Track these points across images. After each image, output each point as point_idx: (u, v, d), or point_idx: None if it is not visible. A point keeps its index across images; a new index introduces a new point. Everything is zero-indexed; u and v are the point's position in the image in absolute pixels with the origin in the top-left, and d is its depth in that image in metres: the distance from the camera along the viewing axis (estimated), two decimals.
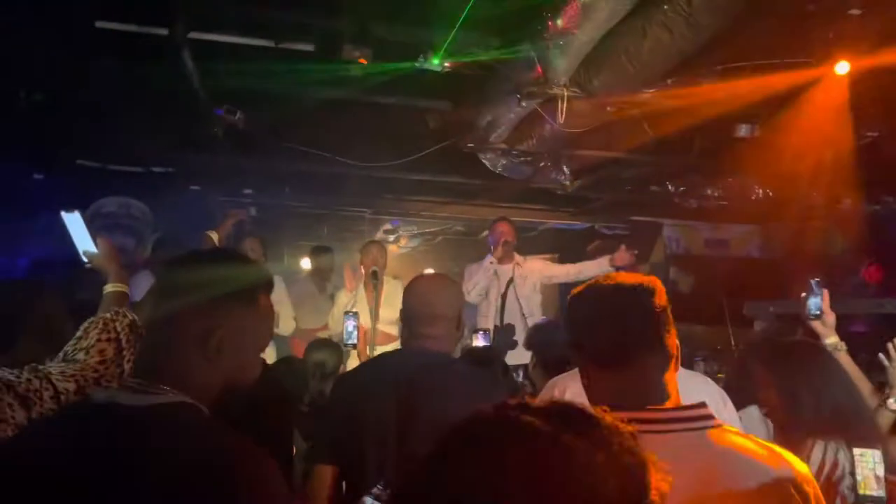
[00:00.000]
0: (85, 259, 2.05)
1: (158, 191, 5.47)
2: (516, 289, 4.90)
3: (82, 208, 5.96)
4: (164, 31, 3.35)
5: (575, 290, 1.34)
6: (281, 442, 2.35)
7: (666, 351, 1.25)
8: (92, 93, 4.32)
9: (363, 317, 4.40)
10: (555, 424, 0.73)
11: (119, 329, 1.66)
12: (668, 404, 1.23)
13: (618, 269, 5.86)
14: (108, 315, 1.68)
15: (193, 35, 3.40)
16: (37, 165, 5.36)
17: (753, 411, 2.27)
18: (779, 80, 3.58)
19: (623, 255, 4.99)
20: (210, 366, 1.19)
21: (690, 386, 1.78)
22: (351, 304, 4.76)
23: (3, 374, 1.51)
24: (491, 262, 4.84)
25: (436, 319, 1.98)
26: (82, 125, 4.70)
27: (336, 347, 3.45)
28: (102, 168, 5.37)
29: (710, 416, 1.20)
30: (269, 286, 1.35)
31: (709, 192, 5.47)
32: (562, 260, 7.12)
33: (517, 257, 4.98)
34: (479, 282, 4.81)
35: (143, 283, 4.77)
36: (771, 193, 5.49)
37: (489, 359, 3.06)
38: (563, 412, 0.76)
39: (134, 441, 1.09)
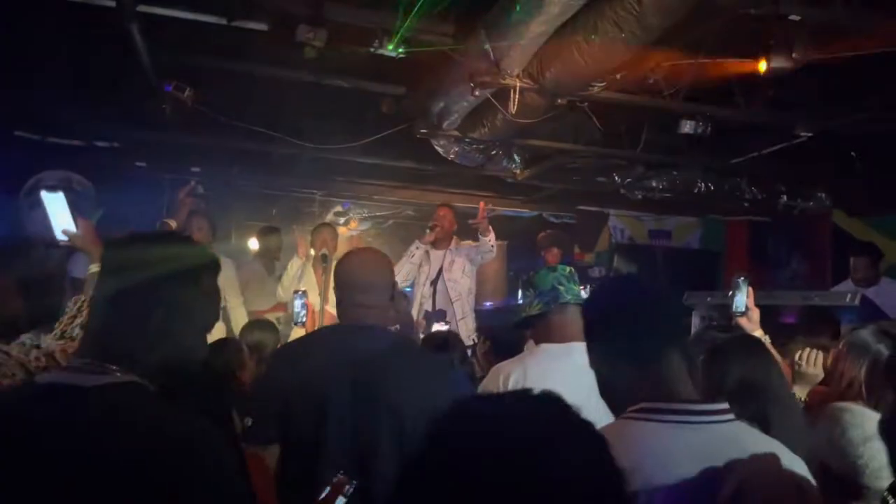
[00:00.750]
0: (64, 238, 2.02)
1: (102, 167, 5.32)
2: (444, 273, 4.95)
3: (19, 182, 5.77)
4: (111, 3, 3.25)
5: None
6: (223, 422, 2.36)
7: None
8: (32, 62, 4.17)
9: (311, 297, 4.41)
10: None
11: None
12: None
13: (568, 255, 6.05)
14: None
15: (142, 8, 3.32)
16: None
17: None
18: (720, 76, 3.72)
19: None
20: (153, 345, 1.20)
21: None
22: (299, 278, 4.74)
23: (14, 352, 1.55)
24: (417, 248, 4.94)
25: (369, 288, 1.97)
26: (21, 95, 4.54)
27: (273, 328, 3.43)
28: (42, 141, 5.19)
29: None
30: (213, 268, 1.36)
31: (654, 184, 5.63)
32: (510, 247, 7.23)
33: (455, 242, 5.02)
34: (403, 267, 4.85)
35: (84, 261, 4.66)
36: (712, 187, 5.68)
37: (447, 344, 3.14)
38: None
39: (79, 422, 1.09)
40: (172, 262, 1.25)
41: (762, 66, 3.08)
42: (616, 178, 5.58)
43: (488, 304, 6.03)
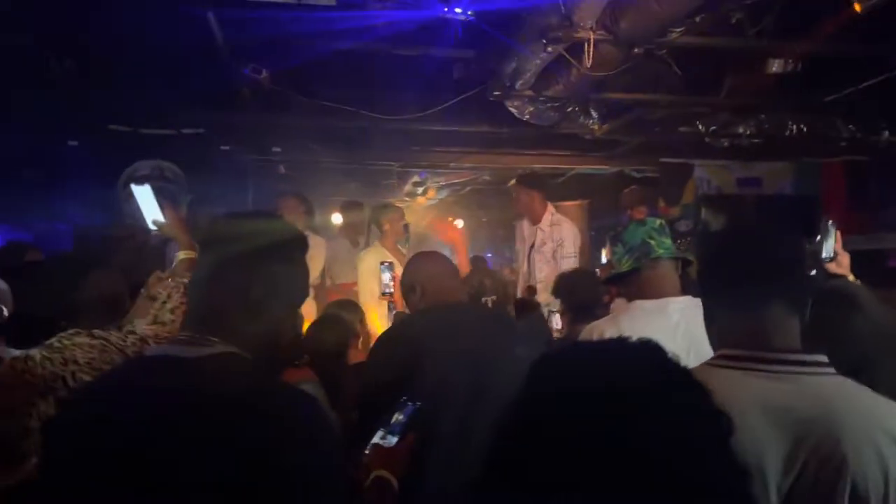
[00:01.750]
0: (154, 228, 2.15)
1: (190, 153, 5.55)
2: (533, 253, 4.95)
3: (116, 173, 6.10)
4: None
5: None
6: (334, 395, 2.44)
7: None
8: (120, 58, 4.37)
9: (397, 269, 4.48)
10: None
11: None
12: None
13: (653, 208, 5.88)
14: (185, 280, 1.80)
15: None
16: (70, 132, 5.46)
17: None
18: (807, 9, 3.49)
19: None
20: (251, 319, 1.26)
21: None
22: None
23: (113, 339, 1.68)
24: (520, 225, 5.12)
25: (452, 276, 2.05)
26: (113, 91, 4.76)
27: (356, 307, 3.45)
28: (134, 132, 5.46)
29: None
30: (303, 244, 1.41)
31: (740, 130, 5.37)
32: (592, 205, 7.10)
33: (550, 217, 4.91)
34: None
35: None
36: (805, 128, 5.38)
37: (533, 306, 3.16)
38: None
39: (188, 389, 1.15)
40: (266, 239, 1.30)
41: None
42: (700, 127, 5.36)
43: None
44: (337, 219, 6.51)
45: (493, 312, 2.33)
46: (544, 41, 3.33)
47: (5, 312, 1.89)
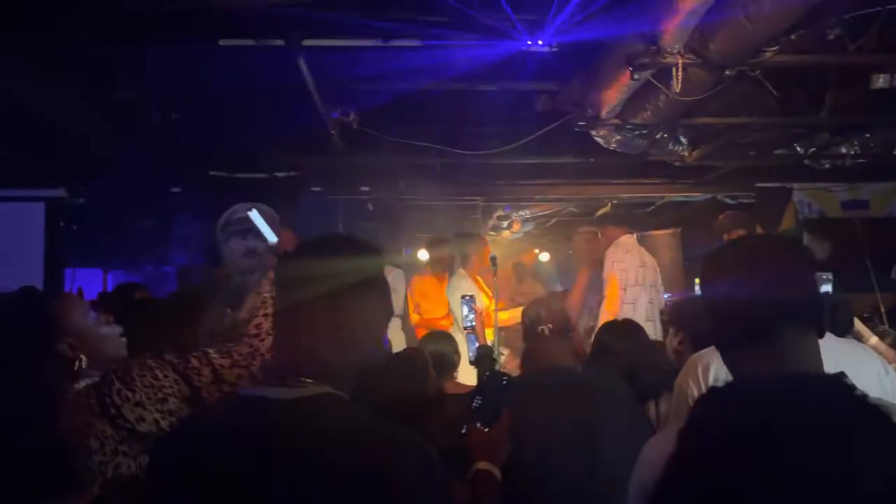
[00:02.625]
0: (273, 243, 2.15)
1: (283, 195, 5.77)
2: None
3: (215, 216, 6.36)
4: (280, 43, 3.51)
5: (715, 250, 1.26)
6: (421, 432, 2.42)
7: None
8: (219, 107, 4.61)
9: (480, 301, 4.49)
10: None
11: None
12: None
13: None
14: (268, 294, 1.77)
15: (307, 42, 3.55)
16: (174, 179, 5.79)
17: None
18: None
19: None
20: (343, 355, 1.21)
21: (847, 356, 1.68)
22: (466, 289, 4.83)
23: (168, 357, 1.69)
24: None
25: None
26: (212, 139, 5.03)
27: (450, 339, 3.44)
28: (231, 177, 5.73)
29: None
30: (382, 272, 1.36)
31: (843, 150, 5.09)
32: (685, 234, 6.88)
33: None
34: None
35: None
36: None
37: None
38: None
39: (288, 432, 1.12)
40: (352, 269, 1.24)
41: None
42: (798, 149, 5.11)
43: (666, 295, 5.76)
44: (423, 255, 6.57)
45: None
46: (630, 69, 3.27)
47: (83, 364, 1.92)
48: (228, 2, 3.19)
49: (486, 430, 1.52)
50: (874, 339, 2.94)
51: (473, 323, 3.55)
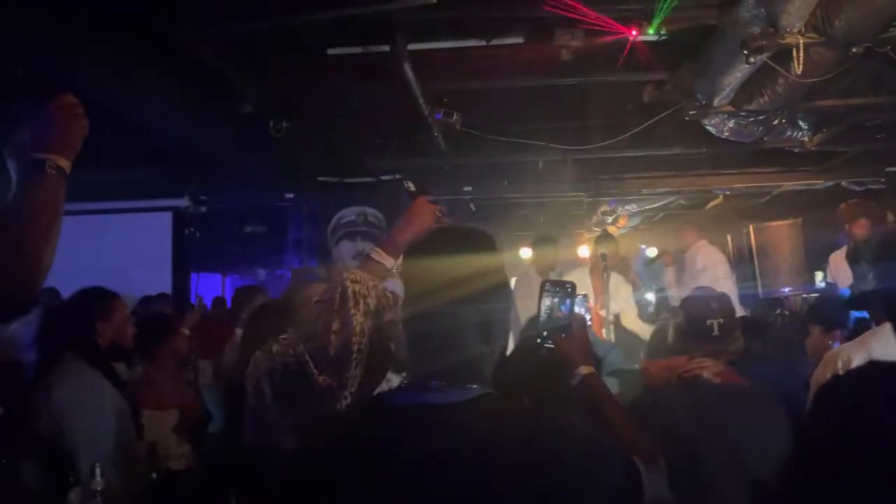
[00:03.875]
0: None
1: (388, 197, 5.90)
2: None
3: (326, 220, 6.62)
4: (385, 48, 3.59)
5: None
6: None
7: None
8: (327, 115, 4.77)
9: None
10: None
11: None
12: None
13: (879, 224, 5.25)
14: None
15: (412, 47, 3.61)
16: (287, 186, 6.05)
17: None
18: None
19: None
20: (489, 354, 1.18)
21: None
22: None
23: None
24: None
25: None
26: (321, 146, 5.22)
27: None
28: (340, 182, 5.92)
29: None
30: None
31: None
32: (805, 224, 6.49)
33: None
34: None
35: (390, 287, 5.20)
36: None
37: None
38: None
39: (472, 438, 1.08)
40: (488, 266, 1.21)
41: None
42: None
43: (786, 289, 5.47)
44: (526, 253, 6.53)
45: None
46: (746, 52, 3.12)
47: None
48: (337, 10, 3.28)
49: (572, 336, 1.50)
50: None
51: (589, 324, 3.49)
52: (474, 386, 1.14)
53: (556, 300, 1.52)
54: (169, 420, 2.82)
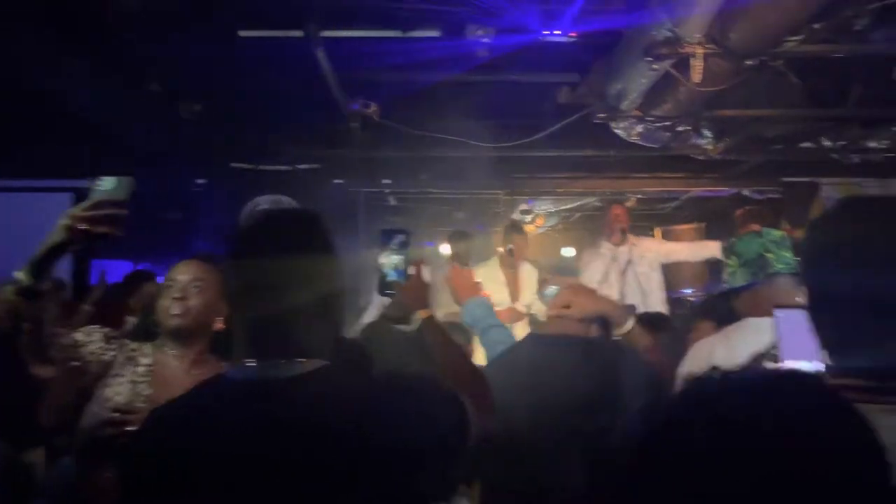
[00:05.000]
0: None
1: (305, 187, 5.81)
2: (635, 268, 4.95)
3: (238, 208, 6.42)
4: (299, 34, 3.54)
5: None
6: None
7: None
8: (239, 99, 4.66)
9: (496, 296, 4.51)
10: None
11: None
12: None
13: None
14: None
15: (325, 33, 3.57)
16: (198, 171, 5.86)
17: None
18: None
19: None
20: (328, 328, 1.26)
21: None
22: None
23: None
24: (608, 249, 5.13)
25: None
26: (235, 131, 5.09)
27: (463, 330, 3.44)
28: (254, 169, 5.78)
29: None
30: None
31: (872, 144, 4.97)
32: (709, 230, 6.80)
33: (631, 238, 5.22)
34: (599, 268, 5.07)
35: None
36: None
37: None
38: None
39: (305, 409, 1.12)
40: (316, 246, 1.25)
41: None
42: (825, 143, 5.02)
43: (687, 291, 5.71)
44: (445, 249, 6.58)
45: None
46: (649, 59, 3.24)
47: None
48: None
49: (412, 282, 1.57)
50: None
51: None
52: (312, 360, 1.18)
53: (393, 249, 1.58)
54: None
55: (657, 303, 5.07)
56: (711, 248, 5.25)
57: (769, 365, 1.55)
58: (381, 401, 1.15)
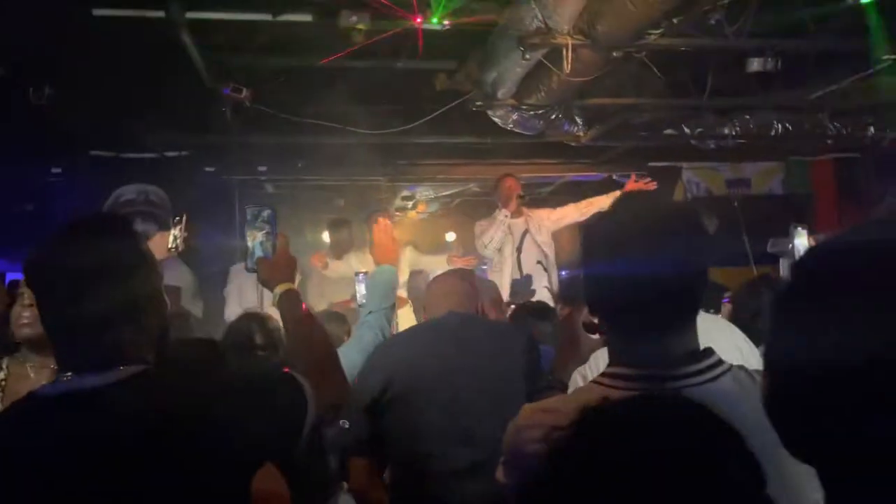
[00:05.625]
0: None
1: (174, 175, 5.51)
2: (534, 237, 4.99)
3: (101, 198, 6.04)
4: (160, 14, 3.33)
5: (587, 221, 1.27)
6: None
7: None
8: (97, 83, 4.33)
9: None
10: None
11: None
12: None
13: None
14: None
15: (190, 15, 3.38)
16: (53, 160, 5.42)
17: None
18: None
19: (634, 185, 5.03)
20: (144, 332, 1.23)
21: (712, 332, 1.77)
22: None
23: None
24: (505, 216, 4.93)
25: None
26: (92, 117, 4.72)
27: (343, 319, 3.42)
28: (117, 157, 5.42)
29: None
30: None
31: (726, 131, 5.35)
32: None
33: (525, 210, 5.10)
34: (495, 236, 4.90)
35: (174, 269, 4.83)
36: (791, 127, 5.36)
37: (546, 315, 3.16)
38: None
39: (118, 418, 1.11)
40: (120, 250, 1.22)
41: None
42: (685, 130, 5.34)
43: (563, 272, 5.92)
44: (326, 237, 6.47)
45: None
46: (521, 48, 3.30)
47: None
48: None
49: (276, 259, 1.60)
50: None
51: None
52: (129, 367, 1.15)
53: (258, 226, 1.60)
54: None
55: (555, 279, 5.14)
56: (600, 203, 5.12)
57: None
58: (204, 399, 1.14)
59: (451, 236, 8.94)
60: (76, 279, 1.15)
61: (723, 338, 1.85)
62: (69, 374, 1.15)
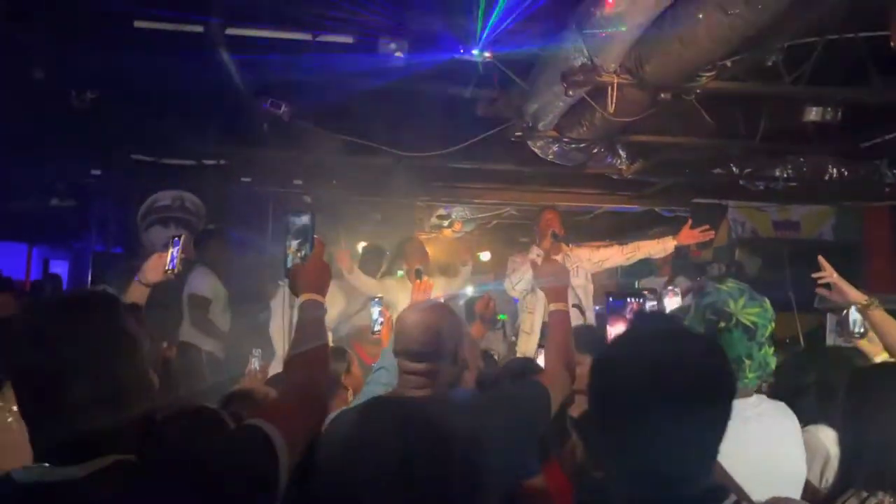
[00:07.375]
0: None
1: (211, 184, 5.52)
2: (571, 281, 4.66)
3: (138, 202, 6.07)
4: (199, 29, 3.30)
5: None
6: None
7: None
8: (141, 91, 4.34)
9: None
10: None
11: None
12: None
13: (682, 248, 5.46)
14: None
15: (230, 31, 3.35)
16: (94, 162, 5.47)
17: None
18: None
19: (689, 232, 4.67)
20: (123, 421, 1.19)
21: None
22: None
23: None
24: (538, 255, 4.52)
25: (424, 357, 1.78)
26: (136, 122, 4.75)
27: (344, 355, 3.12)
28: (156, 162, 5.44)
29: None
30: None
31: (777, 173, 5.14)
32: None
33: (564, 248, 4.65)
34: (525, 276, 4.45)
35: (204, 280, 4.81)
36: (846, 172, 5.12)
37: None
38: None
39: None
40: (104, 333, 1.18)
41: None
42: (733, 169, 5.15)
43: (597, 308, 5.74)
44: (360, 250, 6.43)
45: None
46: (565, 85, 3.18)
47: None
48: None
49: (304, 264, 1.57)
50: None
51: (380, 328, 3.29)
52: (107, 457, 1.09)
53: (295, 231, 1.59)
54: None
55: (592, 320, 4.60)
56: (648, 249, 4.83)
57: None
58: (184, 489, 1.09)
59: (485, 256, 8.83)
60: (52, 370, 1.09)
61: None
62: (44, 463, 1.10)
